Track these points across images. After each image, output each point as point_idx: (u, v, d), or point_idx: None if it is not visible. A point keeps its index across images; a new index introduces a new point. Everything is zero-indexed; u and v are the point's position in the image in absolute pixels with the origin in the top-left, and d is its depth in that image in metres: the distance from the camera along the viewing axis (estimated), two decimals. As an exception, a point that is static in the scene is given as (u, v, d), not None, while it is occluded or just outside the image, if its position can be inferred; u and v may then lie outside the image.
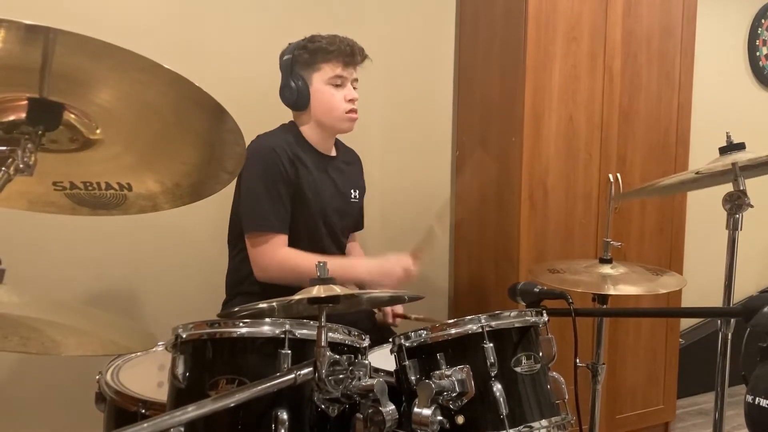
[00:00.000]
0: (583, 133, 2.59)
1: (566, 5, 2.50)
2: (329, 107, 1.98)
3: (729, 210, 1.71)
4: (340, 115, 1.98)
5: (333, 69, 1.96)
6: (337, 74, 1.96)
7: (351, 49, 1.96)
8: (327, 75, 1.96)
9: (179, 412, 1.00)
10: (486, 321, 1.27)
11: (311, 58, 1.96)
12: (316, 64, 1.96)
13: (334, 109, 1.98)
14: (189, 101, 0.86)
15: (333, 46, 1.94)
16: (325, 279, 1.14)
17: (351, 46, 1.97)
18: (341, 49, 1.95)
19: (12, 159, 0.83)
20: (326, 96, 1.97)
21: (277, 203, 1.89)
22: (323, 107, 1.98)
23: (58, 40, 0.73)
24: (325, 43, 1.95)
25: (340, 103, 1.97)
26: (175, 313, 2.24)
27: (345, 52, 1.95)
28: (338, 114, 1.98)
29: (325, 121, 2.00)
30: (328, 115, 1.99)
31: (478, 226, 2.75)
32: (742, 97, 3.61)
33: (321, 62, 1.95)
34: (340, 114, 1.98)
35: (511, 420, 1.23)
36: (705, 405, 3.40)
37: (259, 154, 1.90)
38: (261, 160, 1.90)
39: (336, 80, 1.96)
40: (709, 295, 2.59)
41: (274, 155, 1.90)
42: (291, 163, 1.93)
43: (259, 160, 1.90)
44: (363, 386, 1.14)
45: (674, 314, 2.77)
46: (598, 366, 1.89)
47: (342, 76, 1.97)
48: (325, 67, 1.96)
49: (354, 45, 1.98)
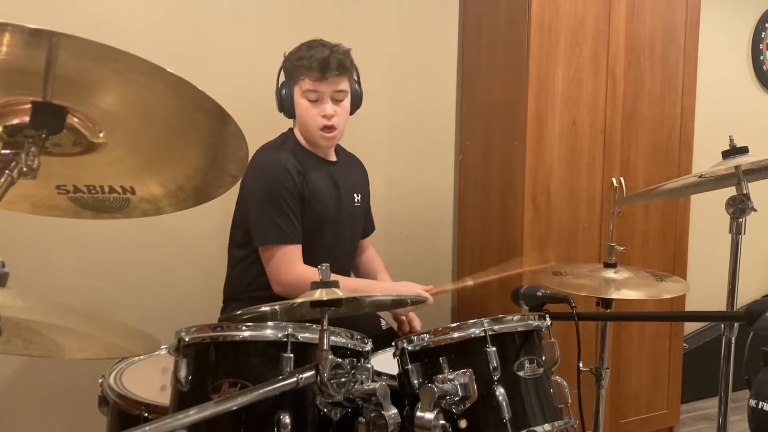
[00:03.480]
0: (587, 137, 2.59)
1: (569, 10, 2.50)
2: (305, 122, 1.96)
3: (732, 214, 1.71)
4: (315, 131, 1.95)
5: (307, 83, 1.91)
6: (309, 89, 1.91)
7: (322, 63, 1.88)
8: (302, 88, 1.92)
9: (182, 415, 1.00)
10: (489, 325, 1.27)
11: (292, 70, 1.93)
12: (295, 76, 1.93)
13: (309, 124, 1.95)
14: (192, 105, 0.86)
15: (306, 60, 1.89)
16: (327, 282, 1.14)
17: (324, 60, 1.88)
18: (311, 64, 1.88)
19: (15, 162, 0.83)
20: (303, 110, 1.95)
21: (289, 216, 1.90)
22: (302, 121, 1.97)
23: (62, 44, 0.73)
24: (302, 56, 1.90)
25: (313, 119, 1.94)
26: (178, 316, 2.24)
27: (314, 67, 1.88)
28: (312, 130, 1.95)
29: (306, 135, 2.00)
30: (305, 129, 1.98)
31: (481, 230, 2.74)
32: (746, 101, 3.61)
33: (299, 75, 1.92)
34: (315, 130, 1.95)
35: (513, 424, 1.23)
36: (709, 410, 3.38)
37: (269, 168, 1.91)
38: (270, 174, 1.91)
39: (310, 95, 1.92)
40: (713, 299, 2.58)
41: (282, 169, 1.91)
42: (299, 174, 1.93)
43: (269, 175, 1.91)
44: (365, 390, 1.14)
45: (678, 318, 2.76)
46: (602, 370, 1.88)
47: (316, 91, 1.91)
48: (302, 80, 1.92)
49: (328, 58, 1.88)
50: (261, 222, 1.91)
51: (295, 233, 1.91)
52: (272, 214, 1.89)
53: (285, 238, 1.90)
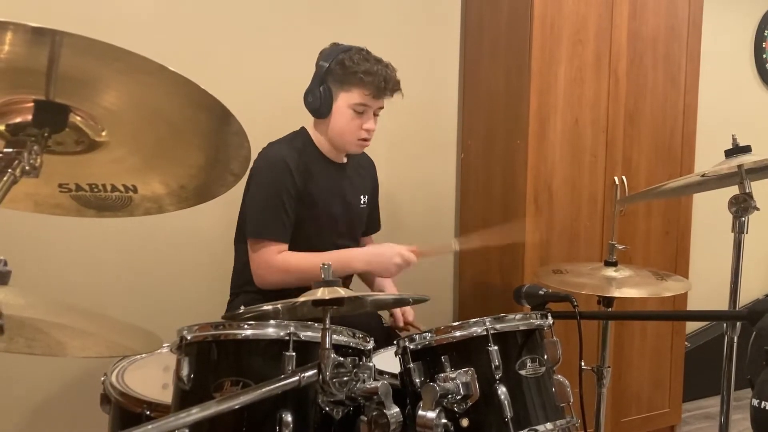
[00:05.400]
0: (589, 136, 2.58)
1: (572, 8, 2.50)
2: (344, 130, 1.96)
3: (735, 213, 1.71)
4: (352, 140, 1.98)
5: (361, 97, 1.92)
6: (363, 102, 1.93)
7: (386, 83, 1.92)
8: (353, 100, 1.93)
9: (184, 413, 1.00)
10: (491, 324, 1.27)
11: (345, 77, 1.92)
12: (347, 84, 1.92)
13: (347, 134, 1.97)
14: (195, 104, 0.86)
15: (369, 77, 1.90)
16: (329, 281, 1.14)
17: (387, 80, 1.92)
18: (375, 81, 1.90)
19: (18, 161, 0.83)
20: (345, 119, 1.95)
21: (280, 213, 1.90)
22: (339, 128, 1.97)
23: (64, 43, 0.73)
24: (363, 70, 1.90)
25: (356, 130, 1.96)
26: (179, 314, 2.24)
27: (378, 85, 1.91)
28: (350, 139, 1.97)
29: (336, 140, 2.00)
30: (340, 137, 1.98)
31: (483, 229, 2.74)
32: (748, 100, 3.60)
33: (352, 85, 1.92)
34: (352, 140, 1.97)
35: (515, 423, 1.23)
36: (711, 409, 3.38)
37: (270, 163, 1.91)
38: (271, 169, 1.91)
39: (360, 107, 1.93)
40: (715, 298, 2.58)
41: (283, 165, 1.91)
42: (300, 174, 1.93)
43: (269, 169, 1.91)
44: (367, 389, 1.14)
45: (680, 317, 2.76)
46: (603, 369, 1.88)
47: (366, 105, 1.94)
48: (355, 91, 1.92)
49: (390, 78, 1.93)
50: (254, 215, 1.93)
51: (283, 232, 1.91)
52: (267, 209, 1.90)
53: (273, 234, 1.90)
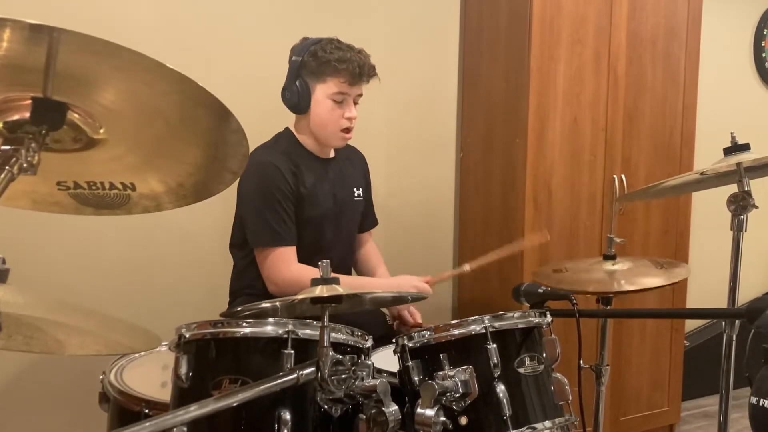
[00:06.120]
0: (588, 135, 2.58)
1: (571, 7, 2.50)
2: (326, 122, 1.96)
3: (734, 211, 1.71)
4: (334, 131, 1.97)
5: (338, 85, 1.92)
6: (340, 91, 1.92)
7: (360, 69, 1.91)
8: (330, 90, 1.92)
9: (182, 411, 1.00)
10: (489, 322, 1.27)
11: (318, 68, 1.92)
12: (322, 75, 1.92)
13: (329, 125, 1.96)
14: (193, 101, 0.86)
15: (342, 64, 1.89)
16: (327, 279, 1.14)
17: (361, 66, 1.91)
18: (350, 68, 1.90)
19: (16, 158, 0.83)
20: (325, 110, 1.94)
21: (282, 217, 1.90)
22: (319, 120, 1.96)
23: (62, 40, 0.73)
24: (336, 58, 1.89)
25: (337, 120, 1.95)
26: (178, 312, 2.24)
27: (353, 72, 1.90)
28: (332, 130, 1.97)
29: (319, 133, 1.99)
30: (323, 129, 1.98)
31: (482, 228, 2.74)
32: (747, 98, 3.60)
33: (327, 75, 1.91)
34: (334, 130, 1.97)
35: (514, 421, 1.23)
36: (710, 407, 3.38)
37: (259, 169, 1.91)
38: (262, 175, 1.91)
39: (338, 96, 1.93)
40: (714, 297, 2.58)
41: (273, 169, 1.91)
42: (292, 174, 1.93)
43: (261, 176, 1.90)
44: (366, 386, 1.14)
45: (678, 315, 2.76)
46: (602, 367, 1.88)
47: (344, 93, 1.93)
48: (331, 81, 1.92)
49: (364, 64, 1.93)
50: (255, 224, 1.92)
51: (288, 234, 1.91)
52: (266, 216, 1.90)
53: (278, 239, 1.90)
